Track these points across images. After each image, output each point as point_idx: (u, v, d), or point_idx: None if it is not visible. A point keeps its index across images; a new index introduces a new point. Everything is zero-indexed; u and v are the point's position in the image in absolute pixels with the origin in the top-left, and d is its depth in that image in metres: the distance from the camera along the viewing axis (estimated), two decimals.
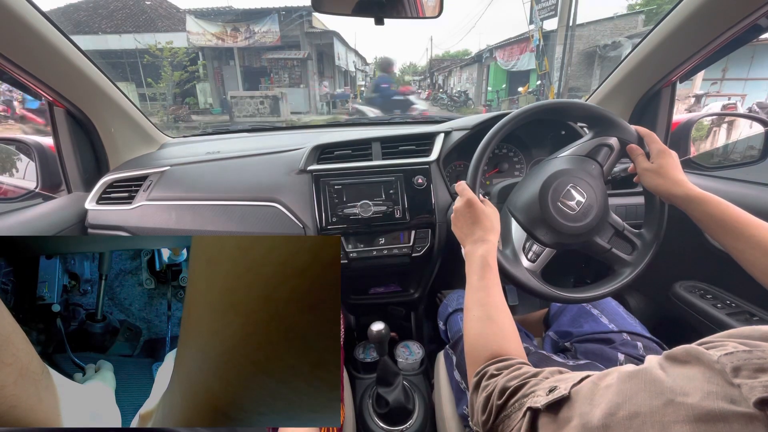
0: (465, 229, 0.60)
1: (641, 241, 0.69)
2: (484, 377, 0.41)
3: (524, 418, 0.32)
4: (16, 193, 1.02)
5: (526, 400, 0.34)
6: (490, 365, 0.41)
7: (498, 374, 0.39)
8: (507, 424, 0.35)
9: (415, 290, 1.06)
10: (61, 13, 12.15)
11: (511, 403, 0.35)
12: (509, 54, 13.69)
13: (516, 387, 0.36)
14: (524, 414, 0.32)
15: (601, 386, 0.28)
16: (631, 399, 0.25)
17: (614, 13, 11.21)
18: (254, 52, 13.36)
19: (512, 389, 0.36)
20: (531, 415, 0.32)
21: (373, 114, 4.77)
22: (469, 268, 0.55)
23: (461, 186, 0.64)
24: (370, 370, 0.98)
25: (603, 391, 0.27)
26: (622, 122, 0.68)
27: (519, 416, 0.33)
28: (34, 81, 0.80)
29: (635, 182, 0.68)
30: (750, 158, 1.08)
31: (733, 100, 8.41)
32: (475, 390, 0.41)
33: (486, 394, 0.38)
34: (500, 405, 0.36)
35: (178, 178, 0.95)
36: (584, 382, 0.30)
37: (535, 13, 9.88)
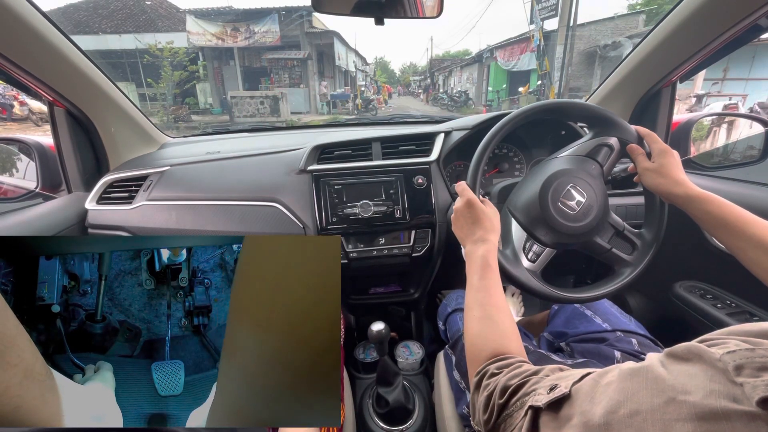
0: (465, 229, 0.60)
1: (641, 241, 0.69)
2: (485, 376, 0.40)
3: (526, 417, 0.32)
4: (16, 193, 1.02)
5: (528, 398, 0.34)
6: (491, 364, 0.41)
7: (498, 373, 0.39)
8: (509, 423, 0.35)
9: (415, 290, 1.06)
10: (61, 13, 12.15)
11: (512, 402, 0.35)
12: (510, 54, 13.69)
13: (517, 385, 0.36)
14: (526, 413, 0.32)
15: (601, 384, 0.28)
16: (632, 397, 0.25)
17: (615, 13, 11.21)
18: (254, 52, 13.36)
19: (513, 388, 0.36)
20: (532, 414, 0.32)
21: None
22: (470, 268, 0.55)
23: (461, 186, 0.64)
24: (370, 370, 0.98)
25: (603, 389, 0.27)
26: (621, 122, 0.68)
27: (521, 415, 0.33)
28: (34, 81, 0.80)
29: (635, 182, 0.68)
30: (750, 158, 1.08)
31: (734, 101, 8.37)
32: (476, 389, 0.41)
33: (487, 393, 0.38)
34: (502, 404, 0.36)
35: (179, 178, 0.95)
36: (585, 380, 0.30)
37: (535, 13, 9.87)
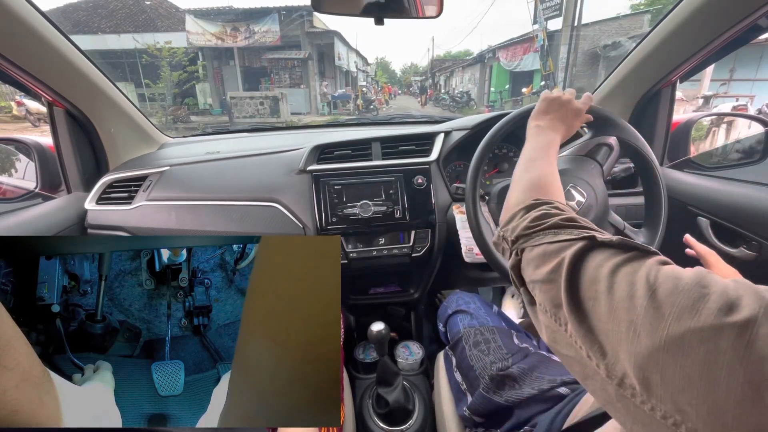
0: (552, 112, 0.59)
1: (642, 239, 0.69)
2: (546, 204, 0.39)
3: (578, 243, 0.31)
4: (15, 194, 1.02)
5: (593, 232, 0.32)
6: (554, 203, 0.39)
7: (564, 212, 0.37)
8: (546, 239, 0.34)
9: (415, 290, 1.06)
10: (61, 13, 12.13)
11: (571, 226, 0.34)
12: (512, 54, 13.65)
13: (585, 225, 0.34)
14: (582, 238, 0.31)
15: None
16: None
17: (617, 13, 11.18)
18: (254, 52, 13.34)
19: (581, 223, 0.34)
20: (589, 244, 0.30)
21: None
22: (532, 140, 0.55)
23: (573, 93, 0.63)
24: (370, 370, 0.98)
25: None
26: (620, 121, 0.68)
27: (572, 237, 0.32)
28: (33, 81, 0.80)
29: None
30: (750, 158, 1.08)
31: (742, 101, 8.31)
32: (526, 208, 0.40)
33: (545, 212, 0.37)
34: (559, 223, 0.35)
35: (178, 178, 0.95)
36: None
37: (539, 13, 9.82)
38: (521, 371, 0.60)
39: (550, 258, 0.32)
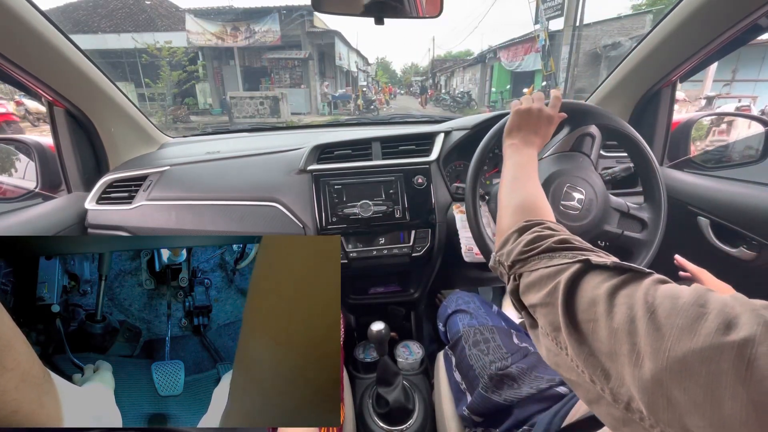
0: (525, 126, 0.60)
1: (648, 214, 0.69)
2: (537, 225, 0.40)
3: (574, 266, 0.31)
4: (15, 193, 1.02)
5: (587, 254, 0.33)
6: (545, 223, 0.40)
7: (557, 232, 0.38)
8: (542, 263, 0.34)
9: (415, 290, 1.06)
10: (60, 12, 12.13)
11: (565, 248, 0.35)
12: (513, 54, 13.64)
13: (579, 246, 0.35)
14: (577, 261, 0.32)
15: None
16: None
17: (619, 14, 11.16)
18: (254, 51, 13.33)
19: (575, 244, 0.35)
20: (583, 267, 0.31)
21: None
22: (511, 160, 0.55)
23: (542, 95, 0.63)
24: (370, 370, 0.98)
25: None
26: (592, 108, 0.68)
27: (566, 260, 0.32)
28: (33, 81, 0.80)
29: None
30: (750, 158, 1.08)
31: (745, 102, 8.28)
32: (518, 231, 0.40)
33: (538, 235, 0.38)
34: (552, 246, 0.35)
35: (178, 178, 0.95)
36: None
37: (540, 13, 9.81)
38: (520, 371, 0.60)
39: (546, 282, 0.33)
